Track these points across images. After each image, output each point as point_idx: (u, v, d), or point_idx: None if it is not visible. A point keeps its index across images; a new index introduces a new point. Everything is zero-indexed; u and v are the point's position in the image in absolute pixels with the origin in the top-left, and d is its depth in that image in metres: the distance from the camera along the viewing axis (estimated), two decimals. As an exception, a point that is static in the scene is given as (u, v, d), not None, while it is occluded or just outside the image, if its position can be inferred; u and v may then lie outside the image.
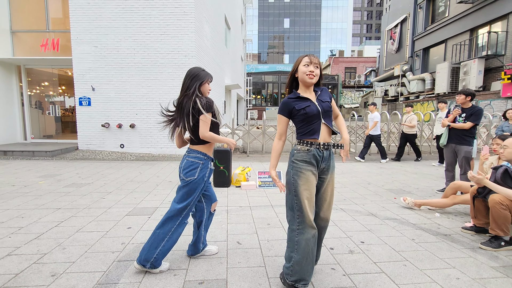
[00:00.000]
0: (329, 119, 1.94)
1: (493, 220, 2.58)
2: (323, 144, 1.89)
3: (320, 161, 1.89)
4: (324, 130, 1.91)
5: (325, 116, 1.91)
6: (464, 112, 4.34)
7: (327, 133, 1.93)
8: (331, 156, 1.95)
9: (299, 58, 1.94)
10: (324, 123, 1.90)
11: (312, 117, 1.87)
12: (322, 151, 1.89)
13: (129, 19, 8.02)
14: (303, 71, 1.89)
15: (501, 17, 12.48)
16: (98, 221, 3.18)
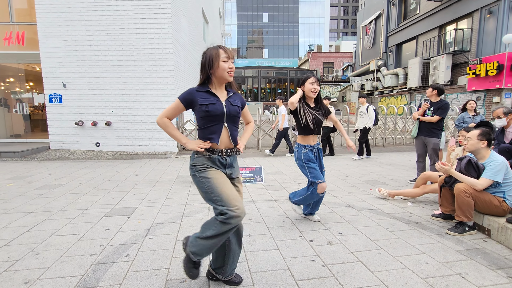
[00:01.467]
0: (232, 125, 1.85)
1: (458, 207, 2.78)
2: (225, 151, 1.82)
3: (225, 167, 1.84)
4: (226, 135, 1.82)
5: (229, 120, 1.82)
6: (432, 106, 4.60)
7: (229, 139, 1.84)
8: (234, 162, 1.90)
9: (214, 51, 1.76)
10: (226, 126, 1.82)
11: (213, 117, 1.77)
12: (224, 158, 1.83)
13: (101, 12, 7.67)
14: (223, 68, 1.76)
15: (466, 15, 13.18)
16: (74, 223, 3.07)
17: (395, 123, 10.24)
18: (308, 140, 2.89)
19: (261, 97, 35.28)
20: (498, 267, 2.22)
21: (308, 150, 2.87)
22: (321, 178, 2.79)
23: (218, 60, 1.75)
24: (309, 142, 2.89)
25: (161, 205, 3.69)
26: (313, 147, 2.91)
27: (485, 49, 12.10)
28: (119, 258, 2.32)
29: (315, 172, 2.81)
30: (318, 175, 2.80)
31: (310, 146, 2.88)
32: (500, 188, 2.73)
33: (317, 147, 2.94)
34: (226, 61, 1.76)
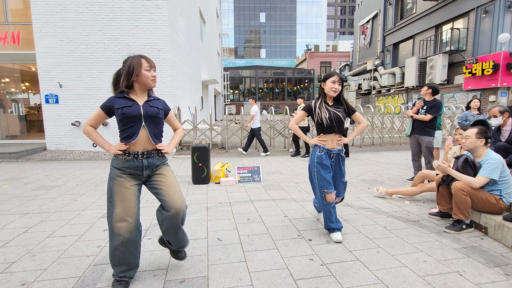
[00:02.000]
0: (153, 126, 1.89)
1: (456, 205, 2.79)
2: (141, 153, 1.85)
3: (142, 169, 1.87)
4: (145, 136, 1.85)
5: (147, 121, 1.86)
6: (425, 105, 4.62)
7: (149, 140, 1.87)
8: (155, 163, 1.92)
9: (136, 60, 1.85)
10: (145, 128, 1.85)
11: (130, 118, 1.81)
12: (141, 160, 1.85)
13: (97, 12, 7.62)
14: (146, 76, 1.86)
15: (462, 14, 13.27)
16: (71, 224, 3.05)
17: (392, 122, 10.28)
18: (325, 141, 2.61)
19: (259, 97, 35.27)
20: (495, 264, 2.23)
21: (324, 153, 2.58)
22: (327, 188, 2.53)
23: (141, 68, 1.84)
24: (326, 143, 2.60)
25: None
26: (331, 151, 2.59)
27: (481, 48, 12.19)
28: (117, 259, 2.30)
29: (322, 181, 2.53)
30: (324, 185, 2.52)
31: (327, 148, 2.59)
32: (496, 186, 2.75)
33: (337, 152, 2.62)
34: (148, 70, 1.87)
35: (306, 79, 35.61)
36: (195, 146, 4.78)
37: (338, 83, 2.55)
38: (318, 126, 2.63)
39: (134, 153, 1.85)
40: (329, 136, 2.60)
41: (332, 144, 2.61)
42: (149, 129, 1.88)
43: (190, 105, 10.94)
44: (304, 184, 4.71)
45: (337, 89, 2.56)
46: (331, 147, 2.61)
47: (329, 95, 2.61)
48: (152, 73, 1.89)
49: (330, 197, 2.54)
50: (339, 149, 2.63)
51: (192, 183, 4.76)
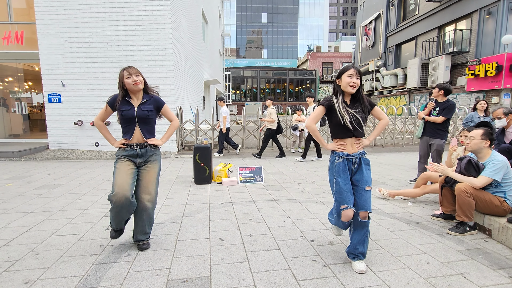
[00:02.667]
0: (146, 125, 2.41)
1: (459, 207, 2.78)
2: (136, 144, 2.38)
3: (136, 156, 2.38)
4: (138, 133, 2.39)
5: (140, 121, 2.37)
6: (438, 106, 4.50)
7: (140, 135, 2.39)
8: (148, 152, 2.41)
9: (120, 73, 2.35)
10: (138, 127, 2.38)
11: (127, 119, 2.34)
12: (135, 149, 2.37)
13: (101, 12, 7.65)
14: (128, 83, 2.32)
15: (465, 15, 13.23)
16: (73, 223, 3.06)
17: (394, 123, 10.25)
18: (344, 146, 2.21)
19: (261, 97, 35.28)
20: (500, 267, 2.22)
21: (344, 160, 2.18)
22: (346, 203, 2.12)
23: (123, 79, 2.32)
24: (346, 148, 2.20)
25: (161, 205, 3.68)
26: (352, 156, 2.18)
27: (484, 49, 12.14)
28: (119, 258, 2.31)
29: (342, 195, 2.13)
30: (344, 199, 2.13)
31: (347, 154, 2.18)
32: (500, 188, 2.74)
33: (359, 156, 2.20)
34: (128, 77, 2.31)
35: (308, 80, 35.58)
36: (197, 146, 4.78)
37: (356, 77, 2.14)
38: (335, 129, 2.24)
39: (131, 145, 2.38)
40: (348, 140, 2.20)
41: (352, 148, 2.21)
42: (141, 127, 2.39)
43: (192, 105, 10.95)
44: (306, 185, 4.71)
45: (356, 83, 2.14)
46: (351, 152, 2.20)
47: (347, 92, 2.18)
48: (132, 79, 2.30)
49: (346, 214, 2.12)
50: (361, 152, 2.23)
51: (194, 183, 4.77)
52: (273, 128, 7.23)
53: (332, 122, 2.24)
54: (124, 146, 2.38)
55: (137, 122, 2.36)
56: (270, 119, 7.13)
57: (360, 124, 2.19)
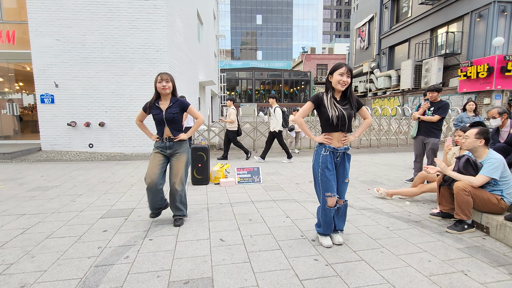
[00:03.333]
0: (173, 124, 2.88)
1: (458, 206, 2.80)
2: (166, 138, 2.90)
3: (166, 148, 2.91)
4: (167, 131, 2.89)
5: (168, 122, 2.86)
6: (432, 106, 4.60)
7: (169, 133, 2.89)
8: (175, 145, 2.91)
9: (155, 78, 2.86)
10: (167, 127, 2.88)
11: (159, 122, 2.87)
12: (166, 142, 2.90)
13: (94, 11, 7.56)
14: (158, 87, 2.82)
15: (457, 18, 13.47)
16: (69, 225, 2.99)
17: (389, 124, 10.36)
18: (331, 140, 2.43)
19: (256, 98, 35.32)
20: (499, 264, 2.24)
21: (329, 153, 2.41)
22: (331, 191, 2.40)
23: (156, 83, 2.83)
24: (332, 142, 2.42)
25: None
26: (337, 150, 2.42)
27: (476, 51, 12.37)
28: (118, 260, 2.26)
29: (327, 183, 2.39)
30: (329, 187, 2.39)
31: (333, 148, 2.41)
32: (498, 186, 2.77)
33: (343, 150, 2.44)
34: (160, 81, 2.79)
35: (303, 81, 35.76)
36: (194, 146, 4.74)
37: (347, 75, 2.31)
38: (324, 123, 2.43)
39: (162, 138, 2.91)
40: (335, 134, 2.41)
41: (338, 143, 2.43)
42: (170, 127, 2.89)
43: (188, 106, 10.88)
44: (304, 185, 4.70)
45: (345, 81, 2.31)
46: (336, 146, 2.42)
47: (336, 89, 2.37)
48: (162, 84, 2.78)
49: (331, 201, 2.42)
50: (345, 148, 2.46)
51: (192, 184, 4.72)
52: (233, 129, 7.06)
53: (321, 117, 2.44)
54: (158, 139, 2.92)
55: (165, 123, 2.85)
56: (230, 119, 6.95)
57: (346, 120, 2.39)
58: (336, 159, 2.46)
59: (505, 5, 11.44)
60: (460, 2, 13.07)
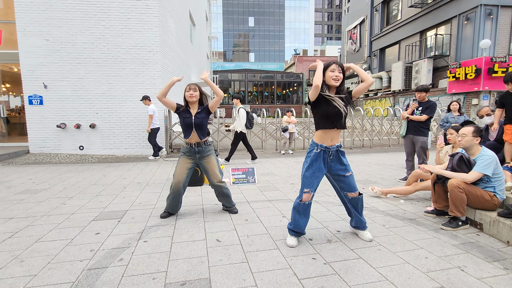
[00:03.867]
0: (200, 129, 3.06)
1: (452, 203, 2.83)
2: (195, 143, 3.08)
3: (195, 153, 3.09)
4: (195, 135, 3.05)
5: (196, 127, 3.04)
6: (420, 106, 4.73)
7: (197, 137, 3.05)
8: (203, 150, 3.10)
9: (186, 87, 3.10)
10: (195, 131, 3.04)
11: (187, 125, 3.05)
12: (194, 147, 3.08)
13: (85, 11, 7.43)
14: (186, 96, 3.06)
15: (445, 21, 13.77)
16: (60, 228, 2.90)
17: (381, 125, 10.48)
18: (324, 138, 2.39)
19: (248, 100, 35.32)
20: (494, 259, 2.27)
21: (322, 152, 2.39)
22: (309, 188, 2.40)
23: (185, 92, 3.08)
24: (324, 141, 2.39)
25: (152, 207, 3.56)
26: (329, 149, 2.39)
27: (464, 53, 12.66)
28: (112, 263, 2.20)
29: (309, 180, 2.40)
30: (309, 183, 2.40)
31: (325, 147, 2.38)
32: (490, 183, 2.81)
33: (335, 149, 2.41)
34: (188, 91, 3.04)
35: (295, 83, 35.95)
36: (189, 147, 4.68)
37: (338, 71, 2.32)
38: (320, 119, 2.38)
39: (190, 144, 3.09)
40: (331, 131, 2.38)
41: (331, 141, 2.40)
42: (197, 132, 3.07)
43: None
44: (299, 185, 4.66)
45: (338, 76, 2.31)
46: (329, 145, 2.39)
47: (331, 85, 2.35)
48: (190, 93, 3.03)
49: (307, 196, 2.43)
50: (337, 145, 2.43)
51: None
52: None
53: (318, 113, 2.40)
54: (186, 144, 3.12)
55: (194, 127, 3.04)
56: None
57: (339, 117, 2.35)
58: (329, 158, 2.43)
59: (491, 8, 11.75)
60: (448, 5, 13.37)
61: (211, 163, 3.15)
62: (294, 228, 2.52)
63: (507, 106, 3.84)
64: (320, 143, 2.40)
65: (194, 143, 3.06)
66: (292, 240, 2.50)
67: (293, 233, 2.53)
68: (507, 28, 11.89)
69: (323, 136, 2.41)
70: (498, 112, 3.96)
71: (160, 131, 7.81)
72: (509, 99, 3.82)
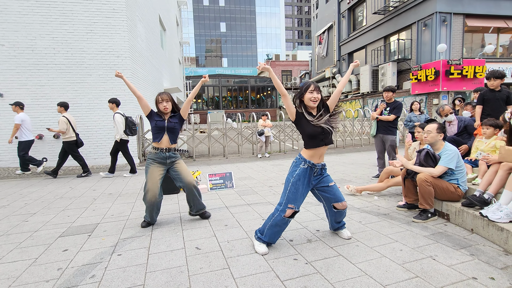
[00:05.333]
0: (172, 133, 3.03)
1: (421, 196, 2.99)
2: (166, 148, 3.01)
3: (166, 158, 3.02)
4: (166, 139, 3.00)
5: (169, 131, 3.01)
6: (388, 106, 5.00)
7: (168, 141, 3.01)
8: (174, 155, 3.07)
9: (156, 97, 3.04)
10: (166, 134, 3.00)
11: (159, 128, 2.99)
12: (164, 152, 3.01)
13: (45, 15, 6.99)
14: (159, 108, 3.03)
15: (406, 27, 14.71)
16: (21, 248, 2.66)
17: (352, 126, 10.89)
18: (313, 156, 2.39)
19: (223, 105, 35.16)
20: (461, 246, 2.42)
21: (309, 168, 2.38)
22: (295, 204, 2.35)
23: (158, 104, 3.03)
24: (314, 158, 2.39)
25: (126, 219, 3.39)
26: (316, 166, 2.39)
27: (424, 57, 13.57)
28: (83, 280, 2.04)
29: (295, 195, 2.34)
30: (295, 200, 2.34)
31: (313, 163, 2.38)
32: (454, 176, 3.01)
33: (320, 167, 2.43)
34: (161, 102, 3.01)
35: (269, 87, 36.41)
36: (163, 154, 4.53)
37: (316, 92, 2.35)
38: (308, 139, 2.38)
39: (161, 149, 3.00)
40: (320, 149, 2.38)
41: (319, 159, 2.41)
42: (169, 136, 3.03)
43: (153, 114, 10.45)
44: (278, 187, 4.72)
45: (316, 97, 2.34)
46: (316, 162, 2.40)
47: (309, 106, 2.38)
48: (163, 105, 3.00)
49: (289, 212, 2.35)
50: (322, 164, 2.46)
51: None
52: (69, 141, 6.10)
53: (304, 133, 2.38)
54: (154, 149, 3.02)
55: (166, 130, 2.99)
56: (58, 129, 6.02)
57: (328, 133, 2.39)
58: (314, 175, 2.42)
59: (445, 15, 12.75)
60: (407, 12, 14.30)
61: (183, 165, 3.13)
62: (268, 240, 2.43)
63: (486, 102, 4.19)
64: (309, 159, 2.38)
65: (165, 148, 2.99)
66: (262, 247, 2.39)
67: (264, 242, 2.44)
68: (460, 34, 12.96)
69: (312, 154, 2.38)
70: (479, 109, 4.29)
71: (132, 139, 7.50)
72: (489, 95, 4.18)
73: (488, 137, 3.52)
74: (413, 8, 13.91)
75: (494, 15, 13.02)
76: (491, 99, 4.19)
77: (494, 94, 4.19)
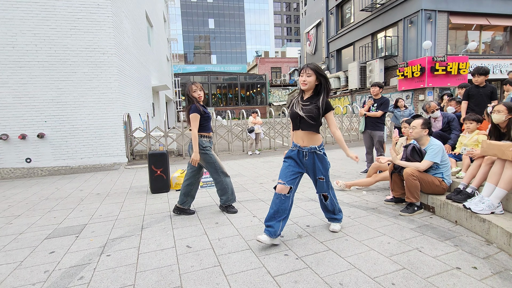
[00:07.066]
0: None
1: (408, 190, 3.07)
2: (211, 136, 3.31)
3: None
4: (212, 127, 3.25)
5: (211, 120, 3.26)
6: (375, 102, 5.08)
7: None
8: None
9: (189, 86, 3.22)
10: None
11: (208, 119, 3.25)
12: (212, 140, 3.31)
13: (26, 10, 6.75)
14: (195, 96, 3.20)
15: (392, 24, 14.93)
16: (5, 251, 2.58)
17: (341, 122, 11.02)
18: (296, 138, 2.54)
19: (212, 103, 34.93)
20: (446, 238, 2.50)
21: (296, 150, 2.51)
22: (283, 179, 2.42)
23: (192, 92, 3.19)
24: (297, 141, 2.53)
25: (115, 219, 3.34)
26: (302, 149, 2.47)
27: (410, 54, 13.82)
28: (71, 282, 2.01)
29: (283, 171, 2.47)
30: (283, 175, 2.45)
31: (299, 146, 2.50)
32: (439, 170, 3.10)
33: (308, 150, 2.46)
34: (195, 91, 3.19)
35: (259, 84, 36.36)
36: (152, 152, 4.48)
37: (307, 75, 2.40)
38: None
39: (210, 137, 3.30)
40: (298, 132, 2.50)
41: (303, 142, 2.48)
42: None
43: (141, 111, 10.30)
44: (268, 184, 4.74)
45: (304, 80, 2.41)
46: (302, 145, 2.48)
47: (303, 89, 2.51)
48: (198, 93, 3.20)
49: (280, 188, 2.41)
50: (312, 147, 2.46)
51: (151, 192, 4.45)
52: None
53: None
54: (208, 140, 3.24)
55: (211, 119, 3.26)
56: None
57: (301, 120, 2.43)
58: (305, 159, 2.50)
59: (430, 13, 12.99)
60: (394, 9, 14.51)
61: None
62: (267, 220, 2.42)
63: (471, 98, 4.32)
64: (296, 142, 2.55)
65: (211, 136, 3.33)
66: (263, 236, 2.37)
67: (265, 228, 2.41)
68: (444, 31, 13.25)
69: (295, 136, 2.57)
70: (464, 104, 4.42)
71: (120, 137, 7.38)
72: (474, 91, 4.31)
73: (471, 132, 3.64)
74: (399, 5, 14.12)
75: (477, 12, 13.36)
76: (475, 94, 4.33)
77: (478, 90, 4.34)
